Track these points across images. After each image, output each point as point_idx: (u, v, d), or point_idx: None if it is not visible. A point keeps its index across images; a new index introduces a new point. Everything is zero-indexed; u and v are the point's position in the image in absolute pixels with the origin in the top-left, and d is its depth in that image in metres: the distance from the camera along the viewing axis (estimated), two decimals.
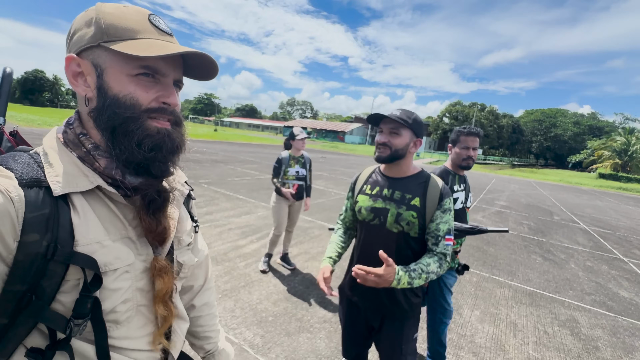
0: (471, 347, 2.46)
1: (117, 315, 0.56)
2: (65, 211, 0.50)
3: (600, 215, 9.71)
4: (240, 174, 9.36)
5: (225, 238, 4.10)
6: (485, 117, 57.32)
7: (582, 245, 5.87)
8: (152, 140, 0.55)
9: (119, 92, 0.53)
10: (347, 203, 1.52)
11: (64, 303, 0.50)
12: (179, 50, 0.52)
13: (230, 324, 2.39)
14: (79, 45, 0.53)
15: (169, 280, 0.63)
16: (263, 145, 27.20)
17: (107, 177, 0.55)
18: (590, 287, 3.95)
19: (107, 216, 0.55)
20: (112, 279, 0.53)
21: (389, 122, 1.28)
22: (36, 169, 0.51)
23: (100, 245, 0.52)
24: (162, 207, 0.61)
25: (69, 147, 0.55)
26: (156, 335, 0.65)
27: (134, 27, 0.54)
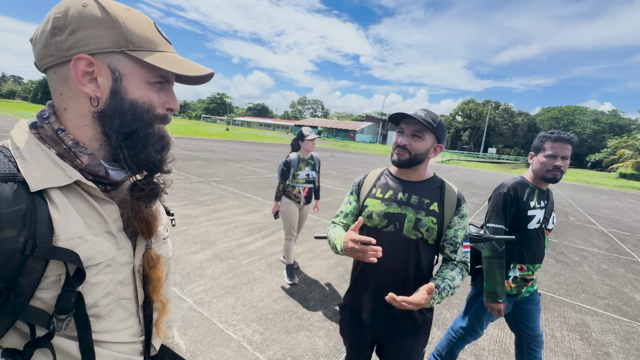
0: (474, 350, 2.41)
1: (98, 310, 0.56)
2: (43, 206, 0.49)
3: (619, 217, 9.35)
4: (249, 173, 9.45)
5: (230, 235, 4.15)
6: (500, 115, 56.05)
7: (597, 247, 5.67)
8: (162, 142, 0.61)
9: (138, 97, 0.56)
10: (349, 207, 1.36)
11: (44, 299, 0.50)
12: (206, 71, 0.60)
13: (231, 320, 2.42)
14: (94, 47, 0.52)
15: (162, 271, 0.67)
16: (273, 144, 27.37)
17: (87, 173, 0.55)
18: (604, 290, 3.81)
19: (87, 211, 0.55)
20: (93, 273, 0.54)
21: (412, 124, 1.19)
22: (7, 164, 0.50)
23: (82, 239, 0.52)
24: (157, 199, 0.64)
25: (46, 143, 0.54)
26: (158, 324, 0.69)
27: (151, 37, 0.57)
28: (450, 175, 16.33)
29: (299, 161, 3.06)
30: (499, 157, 49.42)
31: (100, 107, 0.55)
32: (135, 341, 0.65)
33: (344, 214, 1.36)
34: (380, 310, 1.23)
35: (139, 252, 0.64)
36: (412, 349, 1.24)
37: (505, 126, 55.24)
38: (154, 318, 0.70)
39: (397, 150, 1.22)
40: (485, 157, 45.18)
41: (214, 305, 2.58)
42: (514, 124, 56.64)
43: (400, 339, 1.25)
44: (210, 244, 3.79)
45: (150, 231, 0.64)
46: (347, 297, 1.37)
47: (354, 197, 1.37)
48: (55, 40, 0.52)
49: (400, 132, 1.23)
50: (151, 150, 0.59)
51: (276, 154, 17.38)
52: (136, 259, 0.63)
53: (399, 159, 1.21)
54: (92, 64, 0.53)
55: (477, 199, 9.52)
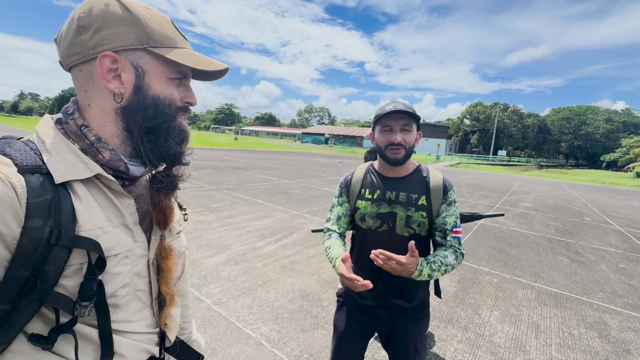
0: (489, 347, 2.42)
1: (117, 300, 0.58)
2: (67, 198, 0.51)
3: (637, 216, 9.10)
4: (259, 180, 9.59)
5: (244, 240, 4.24)
6: (509, 117, 55.35)
7: (614, 247, 5.55)
8: (182, 135, 0.63)
9: (160, 93, 0.59)
10: (340, 209, 1.32)
11: (67, 287, 0.51)
12: (222, 66, 0.63)
13: (248, 319, 2.48)
14: (118, 44, 0.54)
15: (173, 262, 0.69)
16: (281, 152, 27.66)
17: (108, 168, 0.57)
18: (623, 289, 3.74)
19: (106, 204, 0.57)
20: (113, 263, 0.56)
21: (399, 118, 1.15)
22: (34, 156, 0.51)
23: (103, 230, 0.54)
24: (176, 189, 0.67)
25: (70, 138, 0.56)
26: (165, 315, 0.69)
27: (170, 34, 0.59)
28: (460, 179, 16.17)
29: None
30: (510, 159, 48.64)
31: (123, 103, 0.56)
32: (150, 332, 0.67)
33: (336, 217, 1.32)
34: (382, 296, 1.25)
35: (154, 245, 0.66)
36: (415, 332, 1.27)
37: (515, 128, 54.48)
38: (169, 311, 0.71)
39: (391, 149, 1.17)
40: (495, 160, 44.51)
41: (232, 306, 2.65)
42: (524, 125, 55.84)
43: (402, 325, 1.26)
44: (225, 248, 3.89)
45: (166, 222, 0.67)
46: (346, 292, 1.35)
47: (344, 198, 1.32)
48: (80, 39, 0.53)
49: (387, 130, 1.18)
50: (172, 142, 0.61)
51: (285, 161, 17.56)
52: (150, 252, 0.65)
53: (397, 158, 1.17)
54: (116, 61, 0.54)
55: (488, 201, 9.42)
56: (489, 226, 6.30)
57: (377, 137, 1.23)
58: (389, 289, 1.24)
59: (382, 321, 1.29)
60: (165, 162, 0.63)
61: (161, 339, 0.70)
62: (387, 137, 1.18)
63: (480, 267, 4.03)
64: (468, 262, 4.17)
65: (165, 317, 0.69)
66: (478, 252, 4.64)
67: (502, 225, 6.43)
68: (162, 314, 0.69)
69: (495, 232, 5.84)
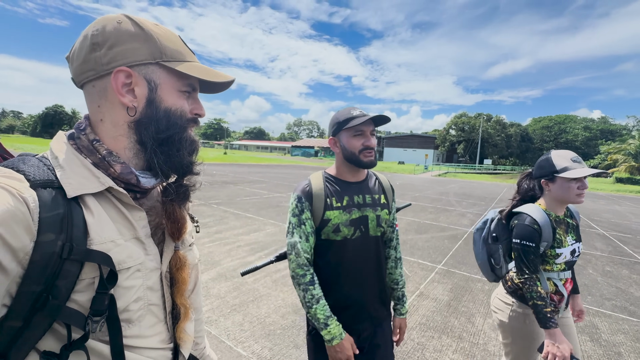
0: (484, 356, 2.40)
1: (129, 314, 0.57)
2: (78, 211, 0.52)
3: (619, 220, 9.39)
4: (249, 194, 9.51)
5: (234, 255, 4.15)
6: (493, 126, 57.04)
7: (600, 251, 5.68)
8: (193, 146, 0.64)
9: (171, 105, 0.60)
10: (305, 229, 1.16)
11: (79, 302, 0.51)
12: (230, 78, 0.65)
13: (239, 337, 2.41)
14: (132, 59, 0.56)
15: (187, 273, 0.68)
16: (271, 165, 27.62)
17: (119, 181, 0.58)
18: (610, 292, 3.81)
19: (118, 217, 0.57)
20: (125, 277, 0.55)
21: (368, 123, 1.17)
22: (47, 171, 0.52)
23: (114, 244, 0.54)
24: (188, 199, 0.67)
25: (83, 153, 0.57)
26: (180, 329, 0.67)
27: (180, 49, 0.61)
28: (449, 188, 16.43)
29: (553, 222, 1.46)
30: (495, 167, 49.82)
31: (136, 116, 0.58)
32: (164, 347, 0.65)
33: (303, 240, 1.15)
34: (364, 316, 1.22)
35: (166, 258, 0.65)
36: (389, 329, 1.32)
37: (499, 137, 56.08)
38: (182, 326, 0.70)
39: (366, 153, 1.18)
40: (481, 169, 45.53)
41: (222, 324, 2.57)
42: (507, 134, 57.53)
43: (380, 328, 1.27)
44: (214, 264, 3.79)
45: (179, 233, 0.66)
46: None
47: (307, 214, 1.17)
48: (94, 56, 0.55)
49: (359, 135, 1.18)
50: (184, 153, 0.62)
51: (275, 174, 17.51)
52: (163, 265, 0.64)
53: (371, 161, 1.19)
54: (130, 76, 0.56)
55: (476, 209, 9.56)
56: None
57: (346, 142, 1.19)
58: (370, 298, 1.24)
59: (365, 334, 1.24)
60: (177, 172, 0.64)
61: (175, 354, 0.69)
62: (361, 141, 1.17)
63: (472, 275, 4.05)
64: (460, 271, 4.19)
65: (179, 332, 0.68)
66: (469, 259, 4.67)
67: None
68: (177, 328, 0.68)
69: None
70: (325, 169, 1.31)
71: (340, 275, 1.20)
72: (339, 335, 1.11)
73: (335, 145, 1.25)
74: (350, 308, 1.20)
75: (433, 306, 3.14)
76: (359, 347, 1.22)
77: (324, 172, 1.29)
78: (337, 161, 1.27)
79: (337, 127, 1.21)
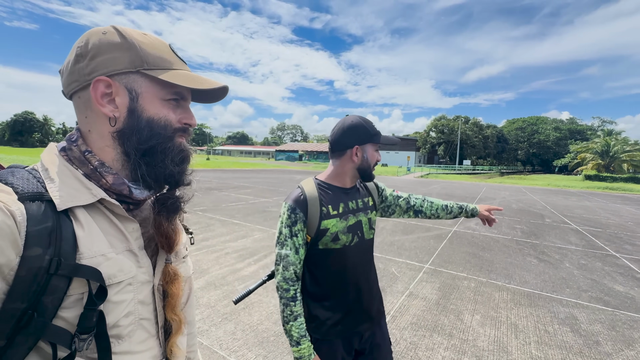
0: (474, 352, 2.47)
1: (119, 330, 0.55)
2: (68, 225, 0.50)
3: (590, 215, 9.92)
4: (235, 200, 9.36)
5: (222, 262, 4.08)
6: (470, 128, 59.01)
7: (574, 245, 5.98)
8: (181, 156, 0.62)
9: (154, 114, 0.58)
10: (297, 241, 1.12)
11: (66, 319, 0.49)
12: (218, 85, 0.62)
13: (232, 346, 2.36)
14: (112, 68, 0.55)
15: (180, 287, 0.66)
16: (256, 170, 27.34)
17: (111, 192, 0.57)
18: (586, 284, 4.01)
19: (110, 229, 0.56)
20: (115, 291, 0.54)
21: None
22: (36, 184, 0.51)
23: (105, 257, 0.53)
24: (179, 213, 0.65)
25: (74, 164, 0.56)
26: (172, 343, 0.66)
27: (166, 57, 0.60)
28: (431, 189, 16.82)
29: None
30: (474, 168, 51.50)
31: (118, 127, 0.56)
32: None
33: (292, 253, 1.12)
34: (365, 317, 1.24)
35: (159, 270, 0.64)
36: (385, 326, 1.35)
37: (476, 139, 58.09)
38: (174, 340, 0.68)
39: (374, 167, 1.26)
40: (461, 169, 46.93)
41: (213, 333, 2.52)
42: (484, 136, 59.69)
43: (379, 327, 1.30)
44: (202, 273, 3.71)
45: (170, 246, 0.65)
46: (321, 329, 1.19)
47: (300, 227, 1.12)
48: (78, 67, 0.55)
49: (377, 150, 1.26)
50: (169, 163, 0.60)
51: (260, 179, 17.34)
52: (156, 278, 0.63)
53: (373, 174, 1.27)
54: (110, 85, 0.55)
55: None
56: (462, 232, 6.56)
57: (370, 154, 1.21)
58: (369, 300, 1.25)
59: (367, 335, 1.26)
60: (165, 183, 0.62)
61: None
62: (377, 156, 1.26)
63: (458, 273, 4.16)
64: (447, 269, 4.30)
65: (171, 345, 0.66)
66: (454, 258, 4.80)
67: (474, 231, 6.72)
68: (169, 342, 0.66)
69: (468, 238, 6.09)
70: (316, 176, 1.28)
71: (341, 282, 1.19)
72: (307, 355, 1.10)
73: (356, 154, 1.19)
74: (352, 312, 1.21)
75: (423, 305, 3.21)
76: (361, 348, 1.25)
77: (315, 179, 1.25)
78: (344, 168, 1.22)
79: (367, 138, 1.19)
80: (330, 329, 1.19)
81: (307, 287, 1.22)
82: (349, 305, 1.22)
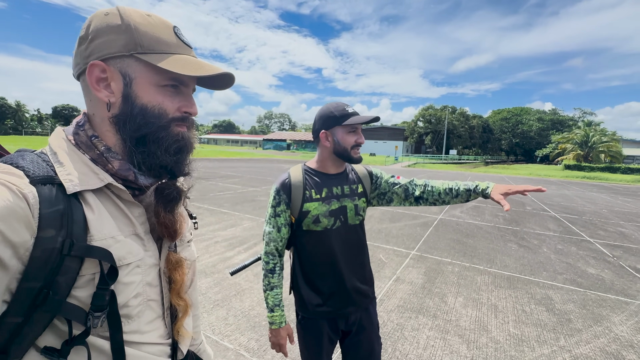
0: (457, 331, 2.61)
1: (129, 310, 0.57)
2: (78, 208, 0.51)
3: (567, 203, 10.37)
4: (222, 189, 9.29)
5: (212, 251, 4.09)
6: (457, 118, 59.85)
7: (552, 231, 6.27)
8: (178, 145, 0.60)
9: (148, 101, 0.56)
10: (279, 220, 1.23)
11: (80, 298, 0.51)
12: (217, 71, 0.58)
13: (225, 331, 2.41)
14: (106, 52, 0.54)
15: (183, 273, 0.67)
16: (243, 159, 27.04)
17: (118, 177, 0.57)
18: (562, 267, 4.25)
19: (117, 213, 0.57)
20: (125, 272, 0.55)
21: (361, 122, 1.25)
22: (46, 167, 0.51)
23: (114, 240, 0.54)
24: (178, 203, 0.65)
25: (81, 149, 0.56)
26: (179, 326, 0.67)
27: (164, 40, 0.57)
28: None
29: None
30: (460, 157, 52.56)
31: (114, 112, 0.56)
32: (163, 342, 0.65)
33: (275, 230, 1.23)
34: (350, 301, 1.27)
35: (164, 254, 0.65)
36: (374, 313, 1.36)
37: (463, 129, 59.11)
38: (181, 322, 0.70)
39: (356, 149, 1.24)
40: (447, 159, 47.81)
41: (205, 319, 2.55)
42: (470, 126, 60.78)
43: (366, 312, 1.32)
44: None
45: (170, 235, 0.64)
46: (307, 308, 1.27)
47: (283, 207, 1.22)
48: (80, 50, 0.55)
49: (353, 132, 1.23)
50: (163, 154, 0.58)
51: (247, 169, 17.20)
52: (162, 262, 0.64)
53: (360, 157, 1.26)
54: (105, 70, 0.54)
55: None
56: (447, 220, 6.76)
57: (341, 137, 1.22)
58: (354, 285, 1.28)
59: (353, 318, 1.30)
60: (161, 173, 0.62)
61: (173, 350, 0.69)
62: (354, 138, 1.22)
63: (442, 259, 4.32)
64: (432, 255, 4.45)
65: (179, 327, 0.68)
66: (439, 244, 4.96)
67: (459, 219, 6.93)
68: (176, 324, 0.68)
69: (453, 225, 6.29)
70: (305, 162, 1.33)
71: (324, 264, 1.25)
72: (278, 322, 1.22)
73: (327, 139, 1.24)
74: (336, 294, 1.26)
75: (409, 289, 3.33)
76: (348, 330, 1.30)
77: (304, 165, 1.31)
78: (322, 154, 1.27)
79: (333, 121, 1.22)
80: (316, 308, 1.26)
81: (296, 267, 1.30)
82: (330, 287, 1.26)
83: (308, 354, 1.31)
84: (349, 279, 1.27)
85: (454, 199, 1.30)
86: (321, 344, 1.28)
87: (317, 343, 1.28)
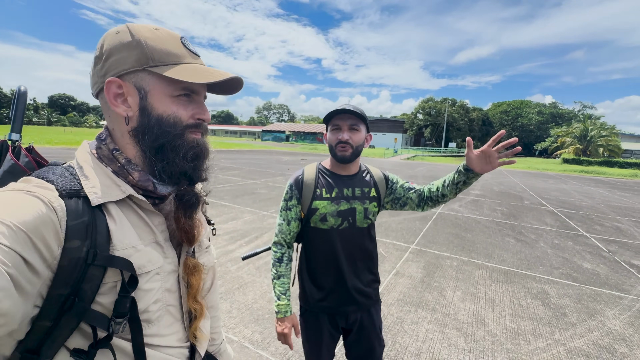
0: (455, 324, 2.67)
1: (149, 315, 0.60)
2: (102, 219, 0.54)
3: (565, 197, 10.45)
4: (222, 181, 9.30)
5: (214, 244, 4.12)
6: (457, 111, 59.59)
7: (549, 226, 6.34)
8: (194, 152, 0.63)
9: (163, 112, 0.59)
10: (289, 214, 1.29)
11: (103, 304, 0.54)
12: (226, 76, 0.60)
13: (229, 324, 2.47)
14: (121, 68, 0.57)
15: (200, 278, 0.70)
16: (242, 150, 26.97)
17: (138, 188, 0.60)
18: (558, 262, 4.32)
19: (138, 223, 0.60)
20: (145, 280, 0.58)
21: (346, 118, 1.22)
22: (73, 181, 0.55)
23: (135, 249, 0.57)
24: (197, 208, 0.68)
25: (104, 162, 0.60)
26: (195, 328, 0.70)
27: (173, 51, 0.60)
28: (417, 171, 17.16)
29: None
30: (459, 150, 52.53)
31: (132, 125, 0.59)
32: (181, 346, 0.68)
33: (285, 223, 1.30)
34: (351, 300, 1.29)
35: (182, 259, 0.68)
36: (377, 315, 1.37)
37: (462, 121, 58.93)
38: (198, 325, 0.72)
39: (340, 147, 1.22)
40: (447, 152, 47.81)
41: None
42: (470, 119, 60.56)
43: (367, 313, 1.34)
44: None
45: (189, 240, 0.67)
46: (308, 301, 1.33)
47: (294, 202, 1.29)
48: (96, 70, 0.59)
49: (336, 129, 1.23)
50: (181, 160, 0.61)
51: (247, 160, 17.17)
52: (180, 268, 0.67)
53: (344, 155, 1.23)
54: (121, 86, 0.57)
55: None
56: (446, 214, 6.82)
57: (328, 136, 1.28)
58: (356, 285, 1.30)
59: (353, 317, 1.32)
60: (182, 180, 0.64)
61: (191, 352, 0.71)
62: (337, 135, 1.23)
63: (441, 253, 4.38)
64: (431, 249, 4.51)
65: (195, 330, 0.70)
66: (438, 239, 5.03)
67: (457, 213, 7.00)
68: (192, 327, 0.70)
69: (452, 220, 6.35)
70: (321, 162, 1.39)
71: (327, 261, 1.28)
72: (283, 311, 1.26)
73: (325, 140, 1.32)
74: (337, 292, 1.29)
75: (409, 283, 3.40)
76: (348, 328, 1.34)
77: (319, 164, 1.36)
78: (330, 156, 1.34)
79: (326, 122, 1.28)
80: (317, 303, 1.31)
81: (302, 260, 1.35)
82: (331, 285, 1.29)
83: (309, 346, 1.36)
84: (351, 279, 1.29)
85: (446, 188, 1.27)
86: (321, 338, 1.32)
87: (318, 336, 1.32)
